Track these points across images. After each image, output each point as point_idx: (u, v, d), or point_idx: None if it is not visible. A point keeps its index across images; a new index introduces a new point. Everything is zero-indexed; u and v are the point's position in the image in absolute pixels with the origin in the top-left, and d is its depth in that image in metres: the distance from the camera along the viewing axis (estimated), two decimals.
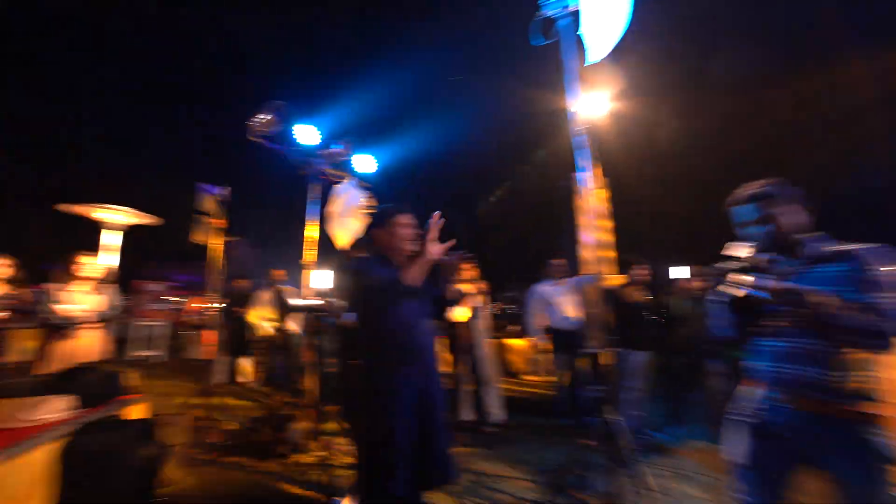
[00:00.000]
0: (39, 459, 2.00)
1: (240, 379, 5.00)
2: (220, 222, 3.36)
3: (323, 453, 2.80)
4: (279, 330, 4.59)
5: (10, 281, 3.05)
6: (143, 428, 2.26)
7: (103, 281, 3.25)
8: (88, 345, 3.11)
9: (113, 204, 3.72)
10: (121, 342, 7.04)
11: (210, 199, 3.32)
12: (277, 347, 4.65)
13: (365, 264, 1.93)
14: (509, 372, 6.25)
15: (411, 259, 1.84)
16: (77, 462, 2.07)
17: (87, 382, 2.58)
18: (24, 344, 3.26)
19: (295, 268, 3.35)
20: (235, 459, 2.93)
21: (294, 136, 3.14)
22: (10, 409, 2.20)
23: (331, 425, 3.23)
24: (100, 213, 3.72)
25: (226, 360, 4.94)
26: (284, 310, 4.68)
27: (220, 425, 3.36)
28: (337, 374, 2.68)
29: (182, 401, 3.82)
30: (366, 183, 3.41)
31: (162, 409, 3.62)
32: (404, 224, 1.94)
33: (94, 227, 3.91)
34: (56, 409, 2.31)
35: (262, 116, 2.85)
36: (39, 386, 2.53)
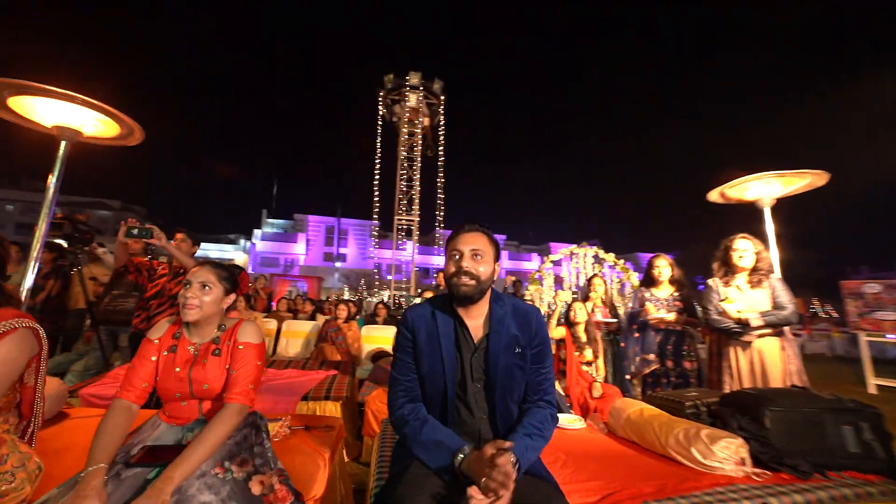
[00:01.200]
0: None
1: None
2: None
3: None
4: None
5: (673, 281, 2.93)
6: None
7: (761, 272, 2.41)
8: (765, 360, 2.33)
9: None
10: (846, 361, 5.67)
11: None
12: None
13: None
14: None
15: None
16: None
17: (780, 425, 1.78)
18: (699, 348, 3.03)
19: None
20: None
21: None
22: (689, 438, 1.81)
23: None
24: (744, 189, 2.98)
25: None
26: None
27: None
28: None
29: None
30: None
31: None
32: None
33: (745, 210, 3.21)
34: (734, 459, 1.68)
35: None
36: (714, 413, 2.04)
